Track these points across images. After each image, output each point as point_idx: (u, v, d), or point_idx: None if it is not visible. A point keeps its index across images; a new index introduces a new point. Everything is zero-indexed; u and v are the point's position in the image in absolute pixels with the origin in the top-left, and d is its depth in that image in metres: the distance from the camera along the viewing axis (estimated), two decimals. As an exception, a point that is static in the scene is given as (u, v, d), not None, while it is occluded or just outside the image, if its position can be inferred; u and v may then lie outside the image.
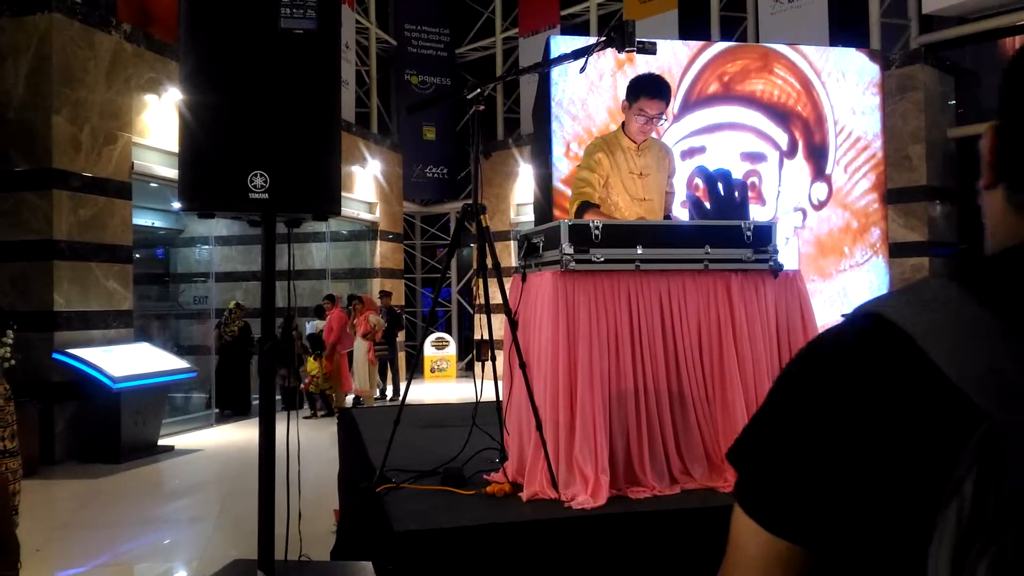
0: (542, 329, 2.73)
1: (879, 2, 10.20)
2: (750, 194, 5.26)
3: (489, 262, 2.85)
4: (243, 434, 9.26)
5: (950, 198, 9.86)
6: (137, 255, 10.40)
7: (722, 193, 4.29)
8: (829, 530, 0.62)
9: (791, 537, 0.64)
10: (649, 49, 3.14)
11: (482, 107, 2.98)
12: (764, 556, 0.66)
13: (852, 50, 5.44)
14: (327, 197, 2.26)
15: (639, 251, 2.82)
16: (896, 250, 8.38)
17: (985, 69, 10.34)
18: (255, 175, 2.17)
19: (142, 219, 12.47)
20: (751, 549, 0.67)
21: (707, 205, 4.54)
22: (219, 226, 13.22)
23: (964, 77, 10.16)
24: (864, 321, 0.63)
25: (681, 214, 4.76)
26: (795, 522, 0.64)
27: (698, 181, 5.15)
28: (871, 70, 5.37)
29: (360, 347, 11.06)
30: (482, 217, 2.87)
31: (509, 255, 13.67)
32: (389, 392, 11.90)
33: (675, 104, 5.15)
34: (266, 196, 2.18)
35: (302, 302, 11.85)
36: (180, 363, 8.70)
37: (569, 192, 4.00)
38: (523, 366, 2.73)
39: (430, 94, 15.19)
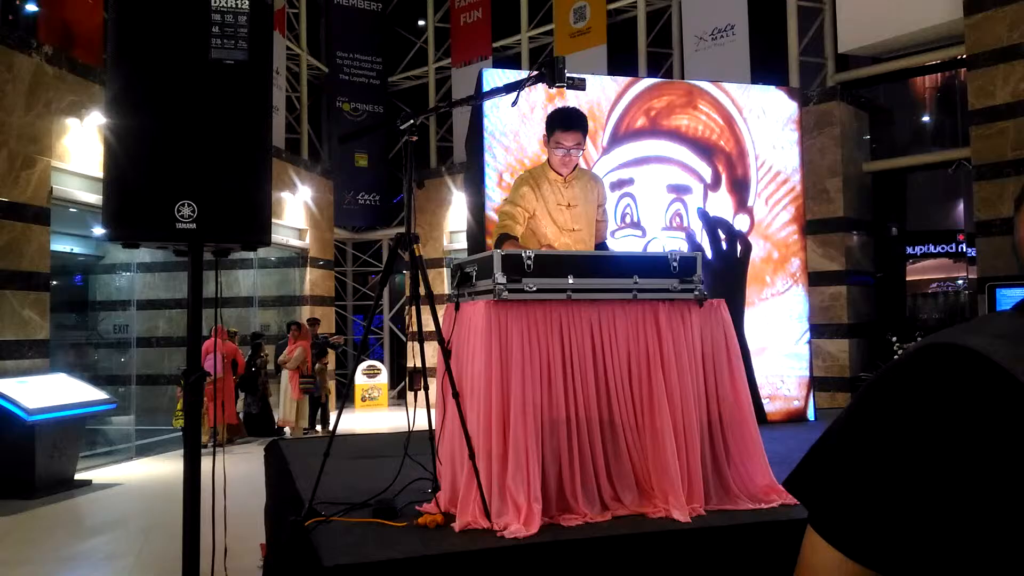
0: (475, 358, 2.74)
1: (797, 41, 10.68)
2: (675, 224, 5.42)
3: (422, 290, 2.86)
4: (166, 467, 8.94)
5: (865, 229, 10.31)
6: (55, 282, 10.01)
7: (724, 246, 4.40)
8: (928, 559, 0.60)
9: (881, 567, 0.62)
10: (578, 85, 3.23)
11: (415, 138, 3.01)
12: None
13: (772, 88, 5.67)
14: (256, 228, 2.24)
15: (571, 281, 2.87)
16: (815, 279, 8.71)
17: (898, 106, 10.91)
18: (182, 204, 2.14)
19: (60, 245, 12.02)
20: None
21: (707, 254, 4.66)
22: (141, 253, 12.84)
23: (878, 113, 10.69)
24: (946, 351, 0.64)
25: (614, 244, 4.87)
26: (890, 551, 0.62)
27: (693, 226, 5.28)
28: (790, 107, 5.60)
29: (284, 378, 10.86)
30: (415, 246, 2.88)
31: (442, 282, 13.67)
32: (319, 428, 11.58)
33: (604, 137, 5.27)
34: (193, 226, 2.15)
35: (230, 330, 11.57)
36: (99, 394, 8.37)
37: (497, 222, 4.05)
38: (456, 395, 2.73)
39: (362, 121, 15.16)
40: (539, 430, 2.67)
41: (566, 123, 3.39)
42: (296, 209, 13.64)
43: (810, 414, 5.40)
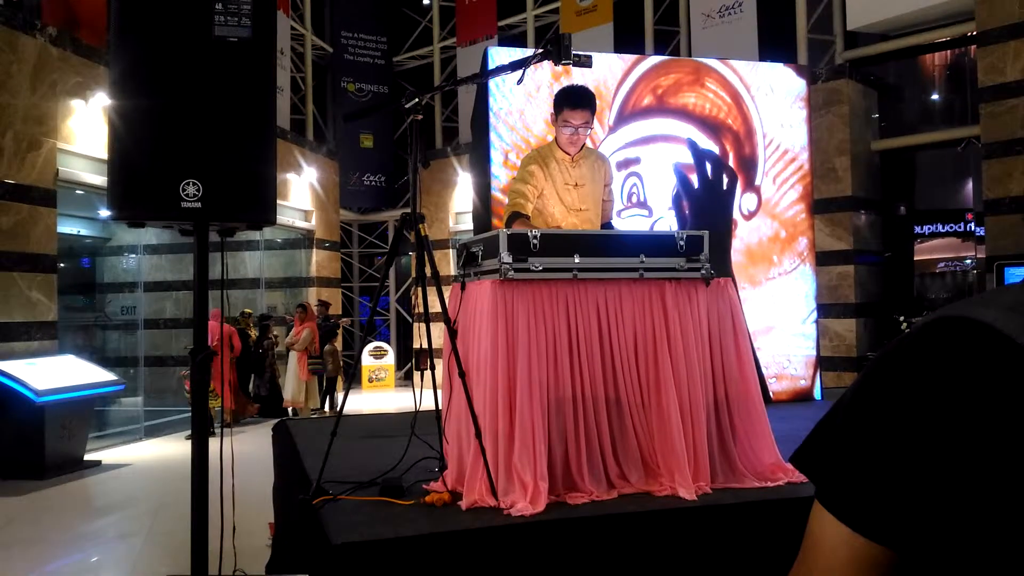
0: (481, 338, 2.74)
1: (806, 18, 10.57)
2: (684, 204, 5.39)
3: (428, 271, 2.86)
4: (174, 448, 9.00)
5: (874, 208, 10.25)
6: (62, 265, 10.04)
7: (710, 175, 4.38)
8: (937, 533, 0.60)
9: (890, 541, 0.62)
10: (585, 62, 3.20)
11: (420, 116, 2.99)
12: (856, 560, 0.64)
13: (780, 65, 5.62)
14: (262, 206, 2.23)
15: (577, 260, 2.86)
16: (823, 258, 8.67)
17: (907, 84, 10.80)
18: (187, 183, 2.14)
19: (67, 227, 12.05)
20: (841, 554, 0.64)
21: (694, 183, 4.60)
22: (148, 234, 12.87)
23: (887, 92, 10.60)
24: (955, 324, 0.63)
25: (620, 224, 4.85)
26: (899, 525, 0.61)
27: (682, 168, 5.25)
28: (798, 85, 5.55)
29: (292, 359, 10.90)
30: (421, 226, 2.87)
31: (448, 264, 13.66)
32: (327, 409, 11.66)
33: (611, 116, 5.24)
34: (199, 205, 2.14)
35: (235, 312, 11.62)
36: (107, 376, 8.42)
37: (507, 201, 4.04)
38: (462, 375, 2.74)
39: (367, 102, 15.09)
40: (545, 409, 2.68)
41: (574, 101, 3.37)
42: (302, 190, 13.62)
43: (816, 393, 5.39)
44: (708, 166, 3.47)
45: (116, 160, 2.18)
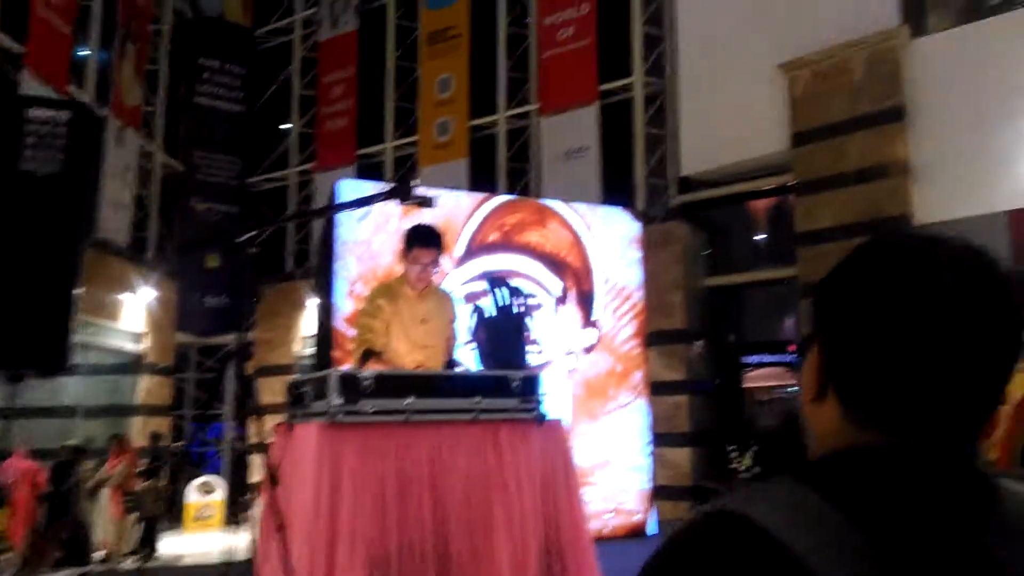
0: (303, 487, 2.61)
1: (644, 164, 11.43)
2: (526, 335, 5.51)
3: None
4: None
5: (704, 339, 10.88)
6: None
7: (503, 302, 4.44)
8: None
9: None
10: (427, 203, 3.30)
11: (255, 250, 2.93)
12: None
13: (617, 208, 6.01)
14: (55, 353, 2.07)
15: (410, 402, 2.82)
16: (658, 388, 9.02)
17: (734, 226, 11.79)
18: (-34, 331, 1.96)
19: None
20: None
21: (487, 313, 4.64)
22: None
23: (716, 233, 11.49)
24: (725, 521, 0.65)
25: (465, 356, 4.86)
26: None
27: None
28: (633, 227, 5.93)
29: (104, 497, 9.92)
30: (246, 365, 2.76)
31: (295, 389, 13.15)
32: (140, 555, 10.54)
33: (458, 251, 5.36)
34: (-22, 352, 1.96)
35: (47, 443, 10.47)
36: None
37: (350, 333, 3.99)
38: (281, 528, 2.57)
39: (218, 222, 14.72)
40: (367, 565, 2.54)
41: (425, 241, 3.42)
42: (135, 311, 12.87)
43: (651, 527, 5.47)
44: (501, 290, 3.60)
45: None
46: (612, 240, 5.77)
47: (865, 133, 8.80)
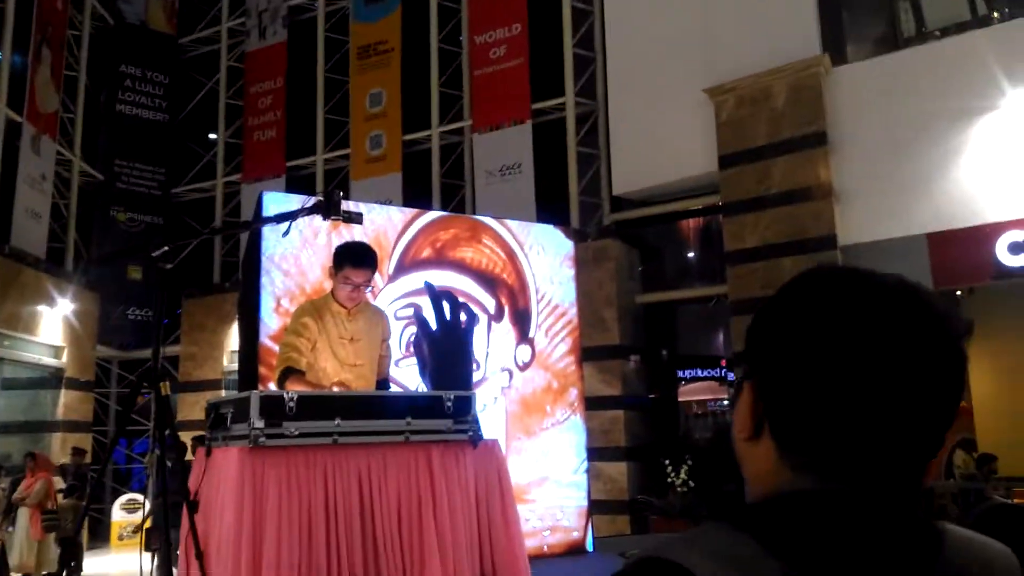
0: (224, 513, 2.47)
1: (577, 183, 11.51)
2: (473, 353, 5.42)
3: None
4: None
5: (640, 355, 10.99)
6: None
7: (447, 315, 4.37)
8: None
9: None
10: (355, 219, 3.18)
11: (168, 266, 2.78)
12: None
13: (551, 227, 5.99)
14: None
15: (338, 423, 2.71)
16: (594, 403, 9.06)
17: (666, 244, 11.98)
18: None
19: None
20: None
21: (432, 326, 4.56)
22: None
23: (648, 250, 11.65)
24: (659, 566, 0.63)
25: (398, 372, 4.75)
26: None
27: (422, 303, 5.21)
28: (567, 245, 5.92)
29: (23, 516, 9.43)
30: (162, 385, 2.60)
31: (220, 407, 12.74)
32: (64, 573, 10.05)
33: (390, 266, 5.25)
34: None
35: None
36: None
37: (277, 350, 3.85)
38: (199, 556, 2.43)
39: (139, 233, 14.21)
40: (294, 594, 2.42)
41: (357, 260, 3.32)
42: (53, 324, 12.30)
43: (588, 544, 5.44)
44: (445, 305, 3.54)
45: None
46: (547, 257, 5.75)
47: (788, 157, 9.06)
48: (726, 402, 11.30)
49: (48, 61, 12.42)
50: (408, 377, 5.02)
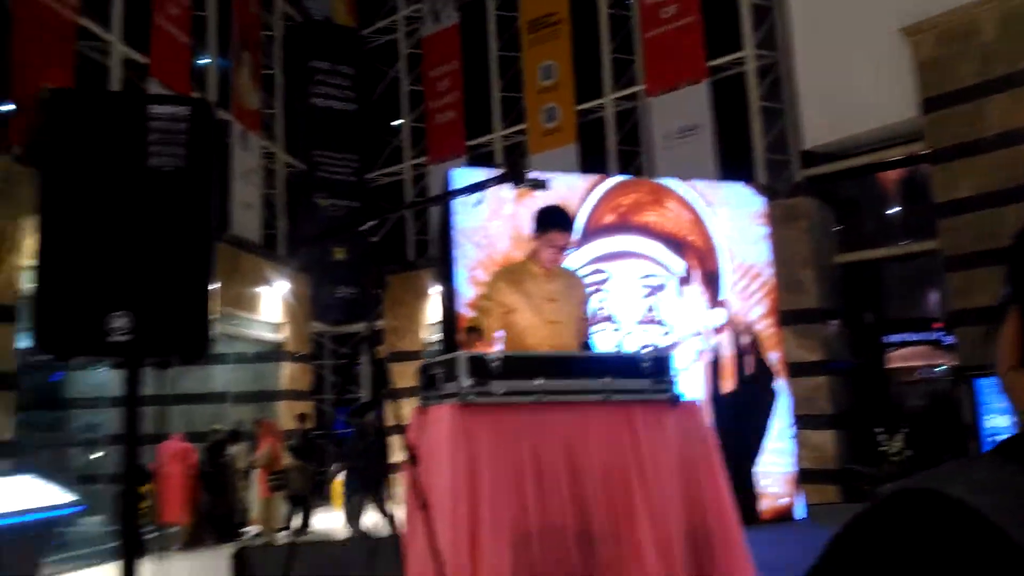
0: (441, 467, 2.60)
1: (762, 139, 10.97)
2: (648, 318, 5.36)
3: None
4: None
5: (840, 318, 10.35)
6: (27, 379, 9.70)
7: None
8: None
9: None
10: (539, 185, 3.23)
11: (375, 239, 2.94)
12: None
13: (739, 184, 5.76)
14: (197, 340, 2.12)
15: (540, 383, 2.76)
16: (795, 370, 8.64)
17: (863, 199, 11.14)
18: (116, 316, 2.03)
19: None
20: None
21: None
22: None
23: (844, 206, 10.90)
24: (924, 499, 0.60)
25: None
26: None
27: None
28: (757, 202, 5.67)
29: (255, 476, 10.52)
30: (377, 349, 2.77)
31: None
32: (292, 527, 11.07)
33: (575, 233, 5.28)
34: (128, 339, 2.03)
35: (200, 427, 11.25)
36: (66, 496, 7.94)
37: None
38: (424, 507, 2.57)
39: (341, 217, 15.22)
40: (512, 543, 2.51)
41: (561, 222, 3.37)
42: (273, 303, 13.53)
43: (798, 511, 5.23)
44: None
45: (42, 292, 2.08)
46: (736, 217, 5.53)
47: (1004, 95, 8.15)
48: (940, 369, 10.39)
49: (247, 62, 13.51)
50: (598, 342, 5.03)
